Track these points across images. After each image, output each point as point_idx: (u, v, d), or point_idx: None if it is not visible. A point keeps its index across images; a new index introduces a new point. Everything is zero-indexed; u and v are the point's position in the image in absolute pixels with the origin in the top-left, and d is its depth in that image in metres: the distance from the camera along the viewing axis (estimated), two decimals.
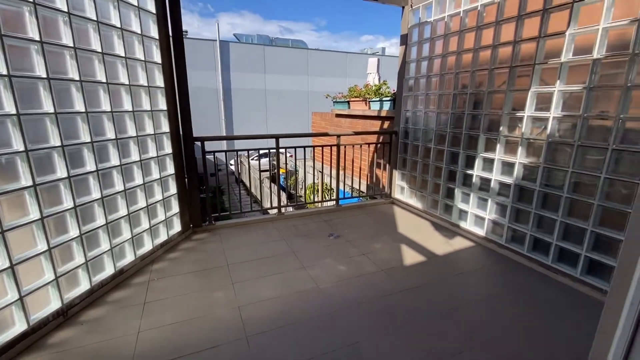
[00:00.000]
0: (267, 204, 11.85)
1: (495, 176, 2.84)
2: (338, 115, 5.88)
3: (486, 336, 1.79)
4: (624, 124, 1.96)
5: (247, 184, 15.99)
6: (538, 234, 2.52)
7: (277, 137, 3.52)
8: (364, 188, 5.30)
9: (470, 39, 2.96)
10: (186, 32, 20.18)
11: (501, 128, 2.74)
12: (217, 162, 17.51)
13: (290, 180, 10.10)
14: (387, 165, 4.23)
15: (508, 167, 2.75)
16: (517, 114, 2.61)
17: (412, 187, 3.93)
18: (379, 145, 4.19)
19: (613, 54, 1.99)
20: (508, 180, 2.73)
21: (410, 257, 2.74)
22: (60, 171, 1.84)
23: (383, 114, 4.52)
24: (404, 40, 3.77)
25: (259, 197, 13.24)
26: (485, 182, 2.97)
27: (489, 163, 2.92)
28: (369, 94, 4.88)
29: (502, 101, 2.71)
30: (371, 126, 4.88)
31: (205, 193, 3.73)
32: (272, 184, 7.91)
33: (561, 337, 1.79)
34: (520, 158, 2.62)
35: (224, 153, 3.46)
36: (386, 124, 4.59)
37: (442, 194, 3.46)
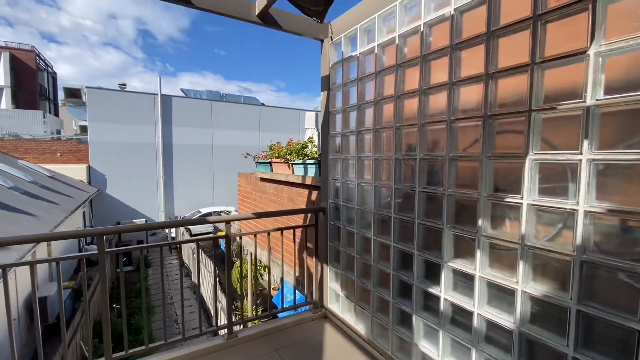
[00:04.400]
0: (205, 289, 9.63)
1: (480, 308, 1.56)
2: (262, 179, 4.58)
3: None
4: None
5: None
6: None
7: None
8: (293, 280, 3.81)
9: (414, 76, 1.88)
10: (124, 85, 18.79)
11: (480, 221, 1.54)
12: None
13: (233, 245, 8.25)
14: (315, 258, 2.84)
15: (502, 294, 1.49)
16: (507, 200, 1.43)
17: (349, 295, 2.54)
18: (307, 228, 2.85)
19: None
20: (505, 320, 1.45)
21: None
22: None
23: (308, 181, 3.27)
24: (326, 83, 2.68)
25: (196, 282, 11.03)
26: (463, 313, 1.67)
27: (464, 280, 1.65)
28: (290, 153, 3.68)
29: (476, 174, 1.55)
30: (298, 196, 3.59)
31: None
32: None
33: None
34: (524, 282, 1.37)
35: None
36: (314, 195, 3.32)
37: (394, 318, 2.09)
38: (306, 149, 3.59)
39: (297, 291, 3.82)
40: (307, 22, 2.53)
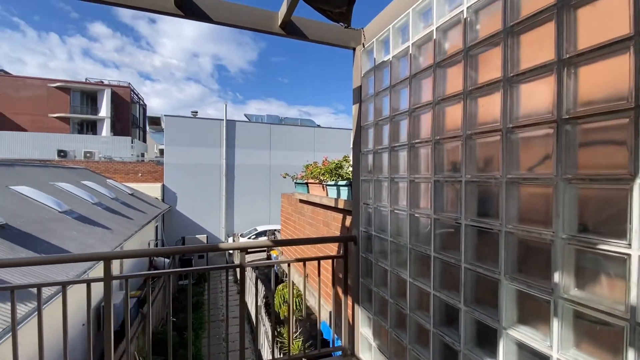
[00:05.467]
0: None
1: None
2: (301, 201, 4.35)
3: None
4: None
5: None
6: None
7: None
8: (328, 315, 3.41)
9: (457, 76, 1.47)
10: (196, 112, 20.87)
11: (557, 275, 1.03)
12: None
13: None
14: (345, 295, 2.45)
15: None
16: (601, 246, 0.92)
17: (382, 347, 2.07)
18: (335, 259, 2.48)
19: None
20: None
21: None
22: None
23: (341, 204, 2.91)
24: (357, 95, 2.37)
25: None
26: None
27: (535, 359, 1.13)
28: (323, 174, 3.38)
29: (548, 204, 1.07)
30: (333, 220, 3.25)
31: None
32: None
33: None
34: None
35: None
36: (348, 221, 2.95)
37: None
38: (341, 169, 3.26)
39: (332, 328, 3.41)
40: (335, 29, 2.29)
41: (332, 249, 3.09)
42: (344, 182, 2.92)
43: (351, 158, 3.72)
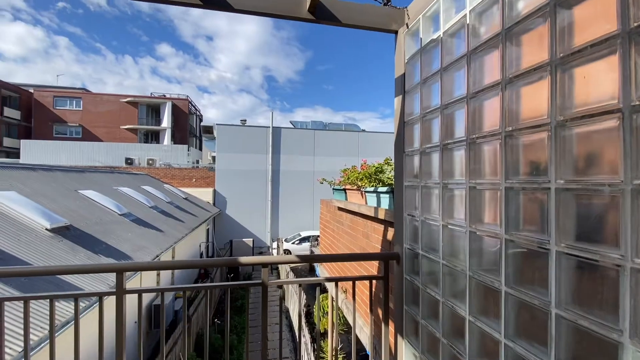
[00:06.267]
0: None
1: None
2: (340, 209, 4.02)
3: None
4: None
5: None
6: None
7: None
8: (367, 339, 3.02)
9: (537, 42, 1.05)
10: (245, 120, 21.73)
11: None
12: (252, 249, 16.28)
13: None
14: (385, 324, 2.05)
15: None
16: None
17: None
18: (373, 280, 2.10)
19: None
20: None
21: None
22: None
23: (381, 214, 2.51)
24: (400, 85, 2.00)
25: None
26: None
27: None
28: (361, 179, 3.00)
29: None
30: (373, 232, 2.87)
31: None
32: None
33: None
34: None
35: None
36: (390, 234, 2.54)
37: None
38: (382, 174, 2.86)
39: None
40: (373, 11, 1.96)
41: (373, 264, 2.72)
42: (384, 189, 2.53)
43: (393, 160, 3.31)
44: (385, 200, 2.55)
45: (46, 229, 5.57)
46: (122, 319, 1.67)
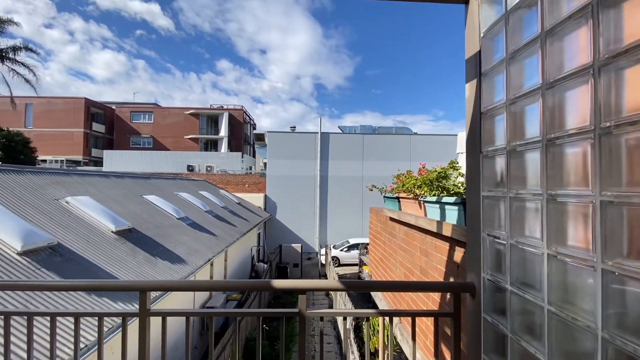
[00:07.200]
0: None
1: None
2: (392, 219, 3.55)
3: None
4: None
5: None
6: None
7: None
8: None
9: None
10: (294, 127, 22.08)
11: None
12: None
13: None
14: None
15: None
16: None
17: None
18: (439, 317, 1.66)
19: None
20: None
21: None
22: None
23: (447, 231, 2.01)
24: (473, 67, 1.56)
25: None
26: None
27: None
28: (419, 186, 2.49)
29: None
30: (435, 250, 2.37)
31: None
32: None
33: None
34: None
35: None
36: (459, 255, 2.03)
37: None
38: (446, 180, 2.34)
39: None
40: None
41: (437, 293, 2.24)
42: (451, 199, 2.04)
43: (461, 164, 2.73)
44: (452, 214, 2.06)
45: (112, 232, 6.00)
46: (144, 342, 1.49)
